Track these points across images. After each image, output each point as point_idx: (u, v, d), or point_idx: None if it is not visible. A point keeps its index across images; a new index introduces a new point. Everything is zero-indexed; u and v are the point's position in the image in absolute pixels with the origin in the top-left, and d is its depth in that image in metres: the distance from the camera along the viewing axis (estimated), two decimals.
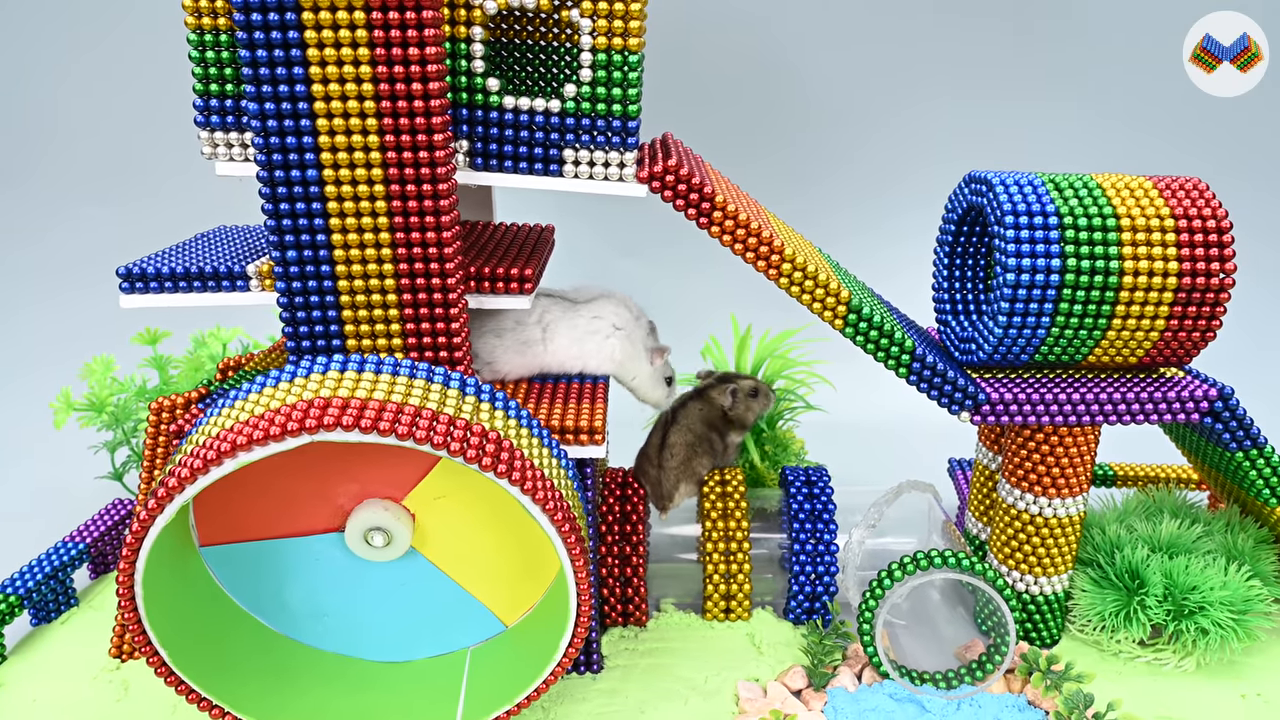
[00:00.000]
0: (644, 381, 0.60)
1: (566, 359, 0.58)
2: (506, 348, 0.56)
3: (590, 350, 0.58)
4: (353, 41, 0.43)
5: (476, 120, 0.49)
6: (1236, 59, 0.89)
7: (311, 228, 0.46)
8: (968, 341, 0.58)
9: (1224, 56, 0.90)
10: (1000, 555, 0.59)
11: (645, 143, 0.58)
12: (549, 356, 0.57)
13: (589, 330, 0.58)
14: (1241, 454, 0.56)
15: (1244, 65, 0.89)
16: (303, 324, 0.48)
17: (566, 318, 0.58)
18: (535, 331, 0.57)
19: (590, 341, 0.58)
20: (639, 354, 0.59)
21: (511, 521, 0.50)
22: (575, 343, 0.57)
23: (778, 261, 0.51)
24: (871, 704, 0.54)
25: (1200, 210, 0.53)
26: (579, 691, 0.56)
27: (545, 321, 0.57)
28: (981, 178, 0.56)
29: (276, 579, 0.52)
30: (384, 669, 0.54)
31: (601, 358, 0.58)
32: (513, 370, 0.57)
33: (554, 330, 0.57)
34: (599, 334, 0.58)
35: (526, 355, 0.57)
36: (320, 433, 0.40)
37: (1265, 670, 0.57)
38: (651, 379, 0.61)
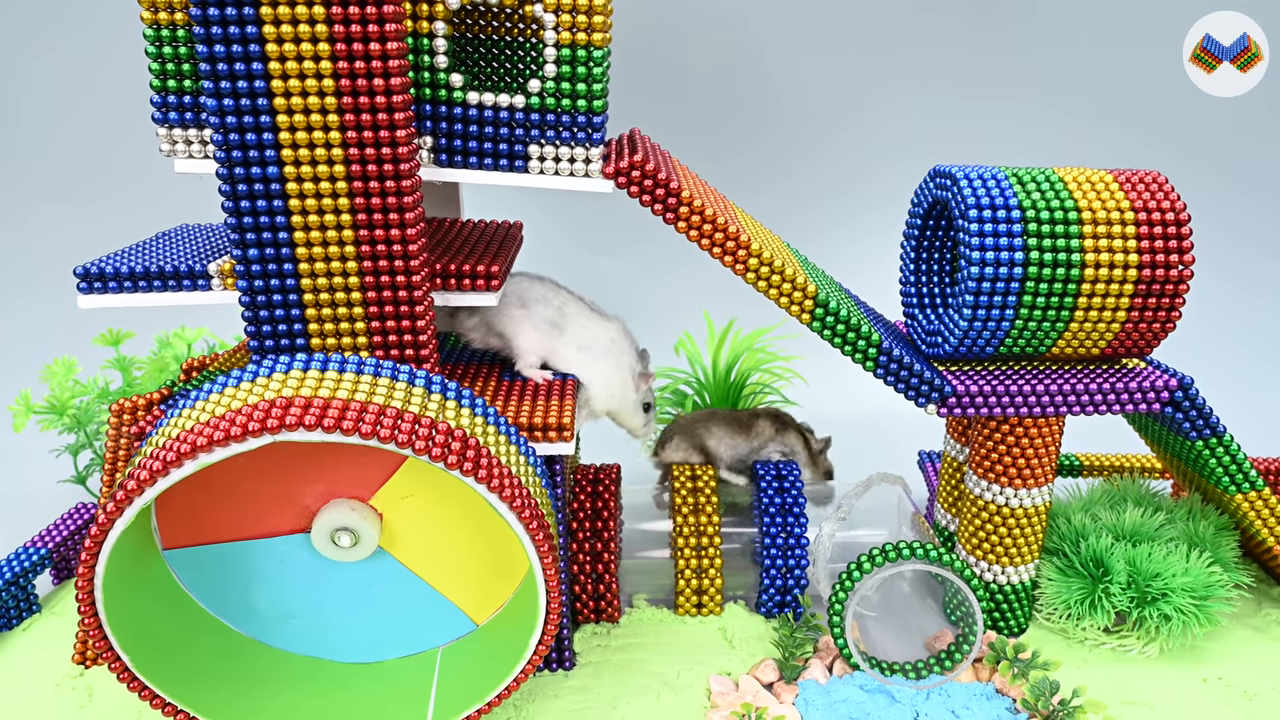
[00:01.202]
0: (627, 406, 0.61)
1: (568, 356, 0.58)
2: (528, 319, 0.57)
3: (588, 360, 0.58)
4: (312, 37, 0.43)
5: (440, 116, 0.49)
6: (1236, 59, 0.90)
7: (273, 225, 0.46)
8: (934, 334, 0.58)
9: (1224, 56, 0.90)
10: (968, 546, 0.60)
11: (613, 139, 0.58)
12: (558, 345, 0.58)
13: (594, 337, 0.59)
14: (1201, 443, 0.57)
15: (1244, 65, 0.90)
16: (265, 323, 0.48)
17: (580, 318, 0.59)
18: (554, 314, 0.57)
19: (594, 349, 0.59)
20: (628, 379, 0.60)
21: (480, 520, 0.49)
22: (581, 348, 0.58)
23: (744, 257, 0.51)
24: (842, 695, 0.54)
25: (1159, 204, 0.53)
26: (551, 689, 0.56)
27: (564, 312, 0.58)
28: (946, 172, 0.56)
29: (242, 581, 0.51)
30: (354, 670, 0.54)
31: (595, 370, 0.59)
32: (526, 345, 0.57)
33: (567, 324, 0.58)
34: (600, 345, 0.59)
35: (542, 333, 0.57)
36: (282, 433, 0.40)
37: (1226, 654, 0.58)
38: (634, 404, 0.61)
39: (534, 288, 0.58)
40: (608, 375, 0.59)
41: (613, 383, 0.59)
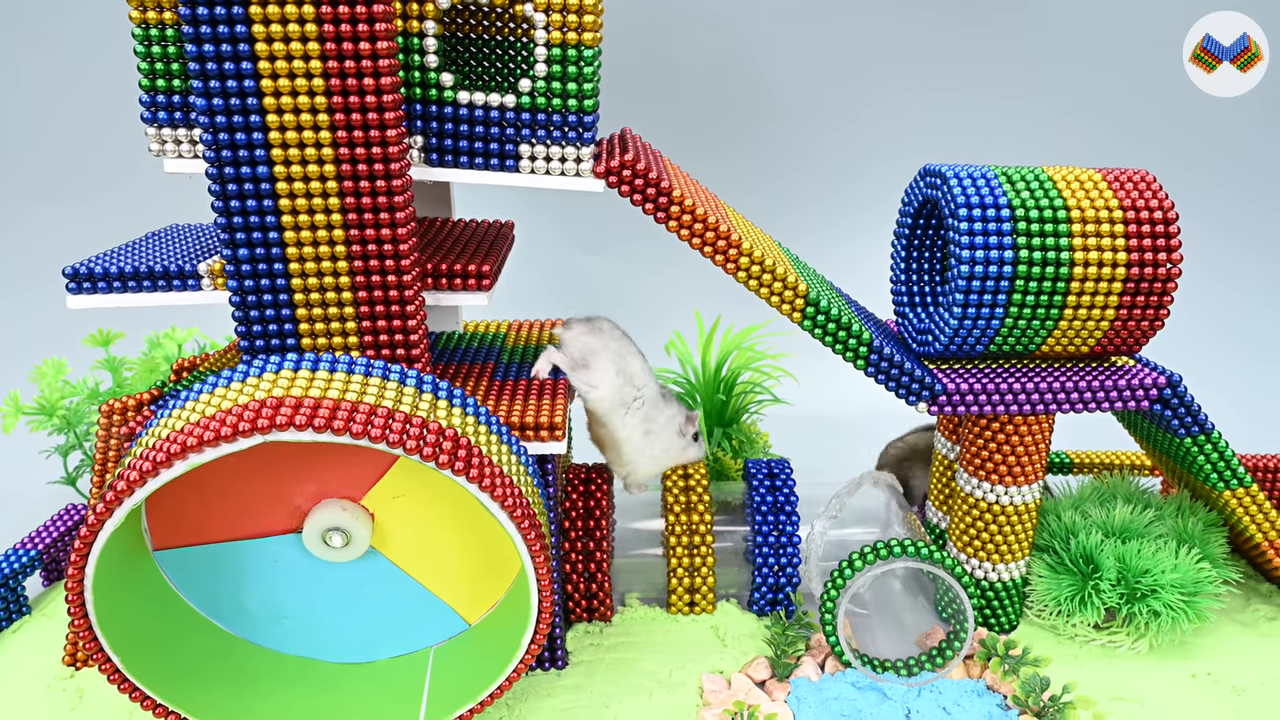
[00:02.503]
0: (680, 454, 0.63)
1: (632, 433, 0.61)
2: (613, 379, 0.59)
3: (660, 439, 0.62)
4: (302, 36, 0.42)
5: (431, 116, 0.49)
6: (1236, 59, 0.90)
7: (263, 225, 0.46)
8: (925, 333, 0.58)
9: (1224, 56, 0.90)
10: (959, 543, 0.60)
11: (604, 138, 0.58)
12: (626, 421, 0.60)
13: (663, 426, 0.62)
14: (1190, 440, 0.57)
15: (1244, 65, 0.90)
16: (255, 323, 0.48)
17: (657, 405, 0.61)
18: (631, 392, 0.60)
19: (666, 434, 0.62)
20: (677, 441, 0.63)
21: (472, 519, 0.49)
22: (648, 434, 0.61)
23: (735, 255, 0.51)
24: (834, 693, 0.55)
25: (1148, 202, 0.54)
26: (544, 688, 0.56)
27: (642, 395, 0.60)
28: (936, 171, 0.57)
29: (234, 582, 0.51)
30: (346, 670, 0.54)
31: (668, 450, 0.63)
32: (604, 399, 0.59)
33: (648, 407, 0.61)
34: (669, 432, 0.62)
35: (620, 396, 0.59)
36: (273, 433, 0.40)
37: (1215, 650, 0.59)
38: (682, 445, 0.63)
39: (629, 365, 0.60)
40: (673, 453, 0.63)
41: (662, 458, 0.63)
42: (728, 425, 0.77)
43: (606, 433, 0.60)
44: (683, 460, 0.64)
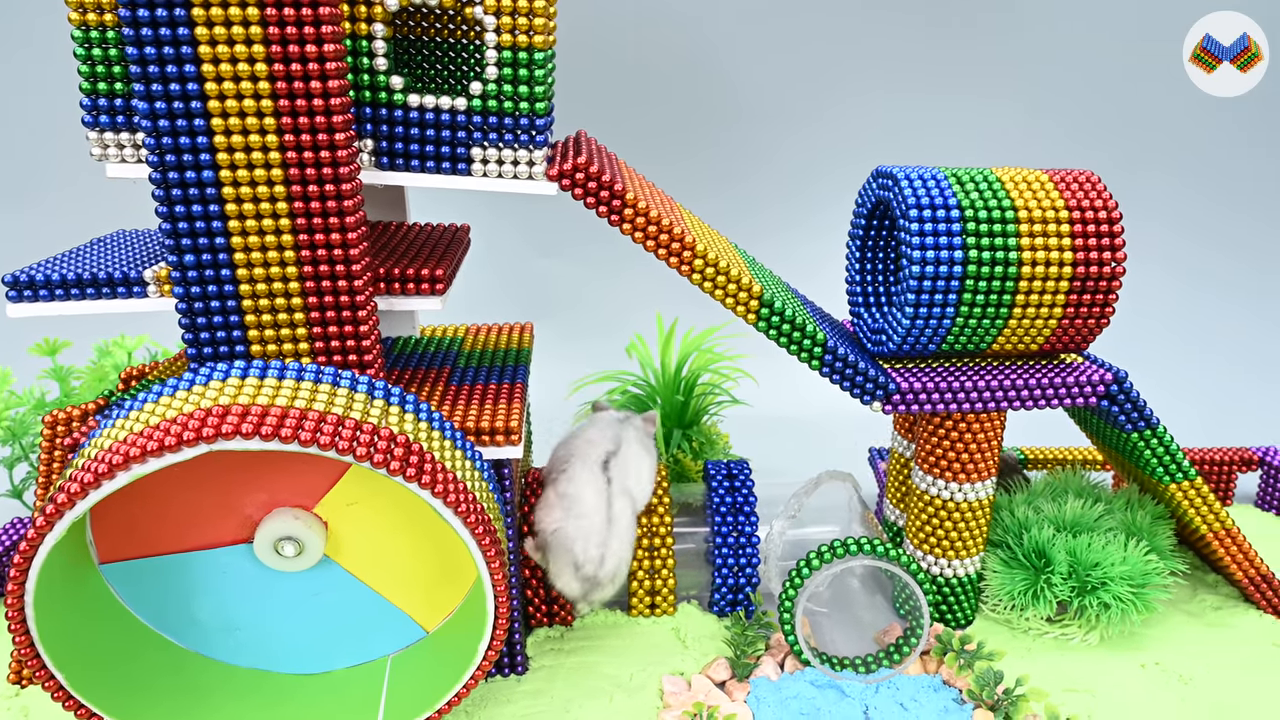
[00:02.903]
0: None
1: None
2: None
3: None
4: (246, 39, 0.42)
5: (381, 119, 0.48)
6: (1236, 59, 0.91)
7: (209, 230, 0.45)
8: (879, 332, 0.59)
9: (1224, 56, 0.91)
10: (915, 540, 0.61)
11: (559, 141, 0.58)
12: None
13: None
14: (1136, 434, 0.59)
15: (1244, 65, 0.91)
16: (203, 330, 0.47)
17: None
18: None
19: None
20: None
21: (428, 526, 0.49)
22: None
23: (690, 257, 0.51)
24: (793, 691, 0.55)
25: (1092, 202, 0.55)
26: (504, 694, 0.56)
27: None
28: (888, 172, 0.57)
29: (184, 594, 0.50)
30: (301, 681, 0.53)
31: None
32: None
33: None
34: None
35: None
36: (219, 442, 0.39)
37: (1163, 640, 0.60)
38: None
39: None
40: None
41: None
42: (688, 427, 0.77)
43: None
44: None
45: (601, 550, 0.56)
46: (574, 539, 0.56)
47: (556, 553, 0.56)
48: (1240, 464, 0.79)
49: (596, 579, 0.56)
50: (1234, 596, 0.65)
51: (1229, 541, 0.62)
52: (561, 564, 0.56)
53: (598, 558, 0.56)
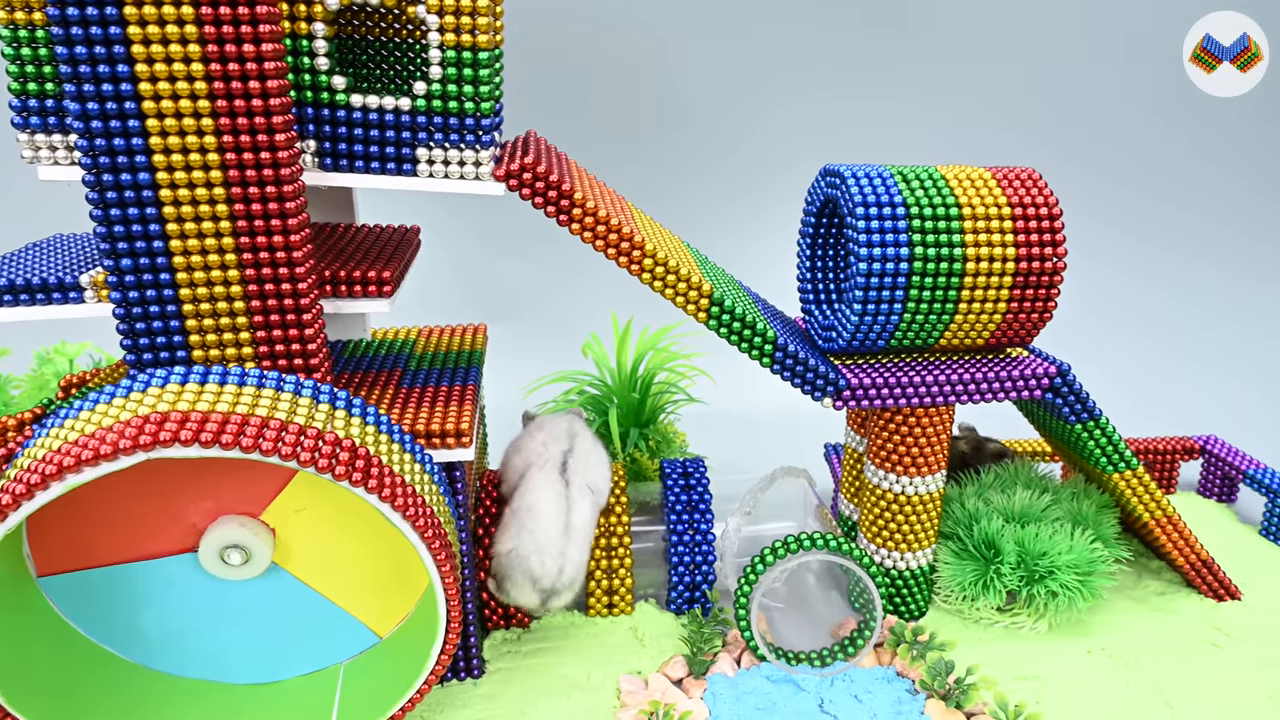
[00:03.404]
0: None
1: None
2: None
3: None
4: (181, 38, 0.41)
5: (324, 119, 0.47)
6: (1236, 59, 0.92)
7: (146, 234, 0.44)
8: (829, 329, 0.59)
9: (1224, 56, 0.92)
10: (869, 534, 0.62)
11: (509, 141, 0.58)
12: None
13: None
14: (1080, 426, 0.60)
15: (1244, 65, 0.92)
16: (142, 335, 0.46)
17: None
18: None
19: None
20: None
21: (378, 531, 0.48)
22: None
23: (639, 257, 0.51)
24: (749, 687, 0.55)
25: (1034, 199, 0.56)
26: (460, 698, 0.55)
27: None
28: (835, 171, 0.58)
29: (128, 606, 0.49)
30: (252, 691, 0.52)
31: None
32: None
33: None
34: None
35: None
36: (158, 449, 0.38)
37: (1109, 626, 0.62)
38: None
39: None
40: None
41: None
42: (645, 426, 0.77)
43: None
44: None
45: (560, 562, 0.55)
46: (529, 555, 0.55)
47: (512, 572, 0.55)
48: (1182, 453, 0.81)
49: (555, 589, 0.56)
50: (1177, 582, 0.67)
51: (1170, 528, 0.63)
52: (518, 581, 0.55)
53: (555, 570, 0.55)
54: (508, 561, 0.55)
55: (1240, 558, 0.70)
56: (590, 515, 0.58)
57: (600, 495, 0.60)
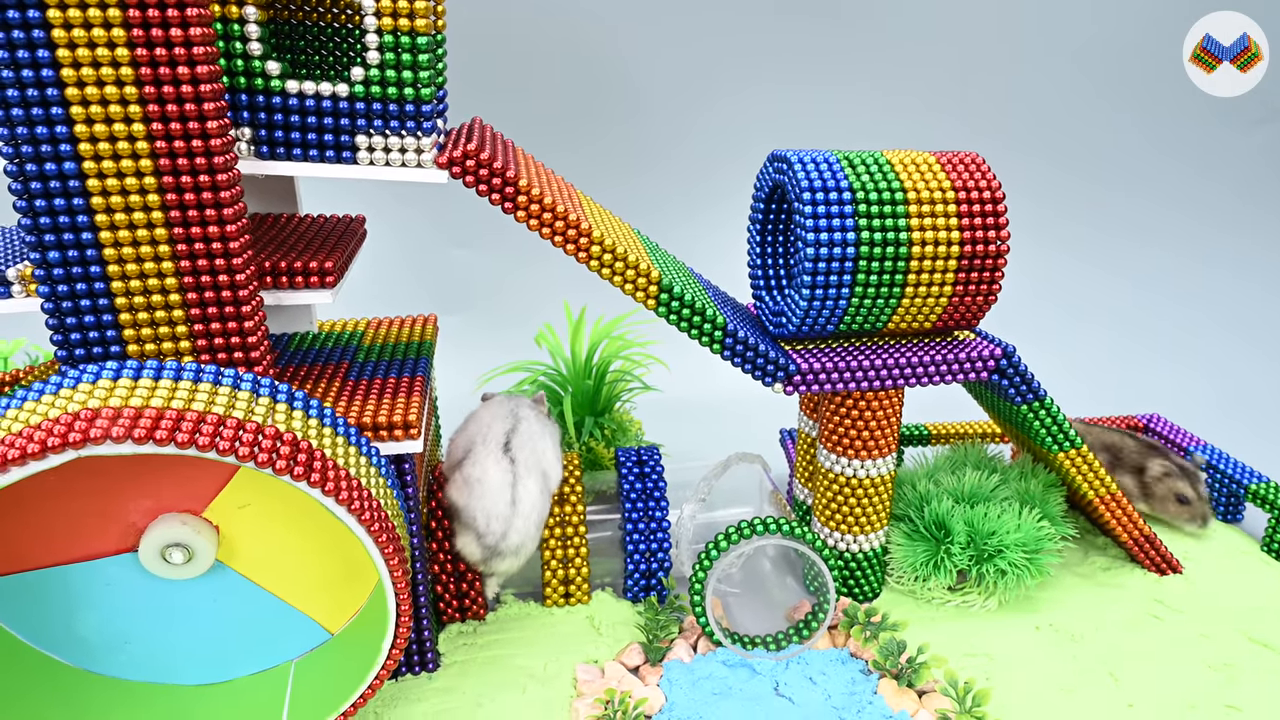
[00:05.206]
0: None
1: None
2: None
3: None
4: (105, 22, 0.40)
5: (258, 106, 0.46)
6: (1236, 59, 0.92)
7: (74, 226, 0.43)
8: (779, 315, 0.60)
9: (1224, 56, 0.92)
10: (823, 518, 0.62)
11: (454, 128, 0.57)
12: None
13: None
14: (1025, 406, 0.61)
15: (1244, 65, 0.92)
16: (73, 330, 0.44)
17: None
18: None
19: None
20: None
21: (325, 526, 0.47)
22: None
23: (586, 244, 0.51)
24: (705, 672, 0.56)
25: (977, 183, 0.56)
26: (414, 692, 0.55)
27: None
28: (782, 156, 0.58)
29: (65, 609, 0.48)
30: (199, 692, 0.51)
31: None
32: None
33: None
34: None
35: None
36: (88, 447, 0.37)
37: (1056, 602, 0.63)
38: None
39: None
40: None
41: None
42: (600, 414, 0.77)
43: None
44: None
45: (504, 527, 0.57)
46: (476, 513, 0.57)
47: (462, 522, 0.57)
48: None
49: (498, 549, 0.57)
50: (1121, 557, 0.68)
51: (1114, 505, 0.64)
52: (465, 532, 0.57)
53: (500, 532, 0.57)
54: (454, 514, 0.58)
55: (1182, 532, 0.71)
56: (538, 496, 0.58)
57: (551, 480, 0.60)
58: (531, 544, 0.58)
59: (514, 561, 0.58)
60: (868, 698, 0.53)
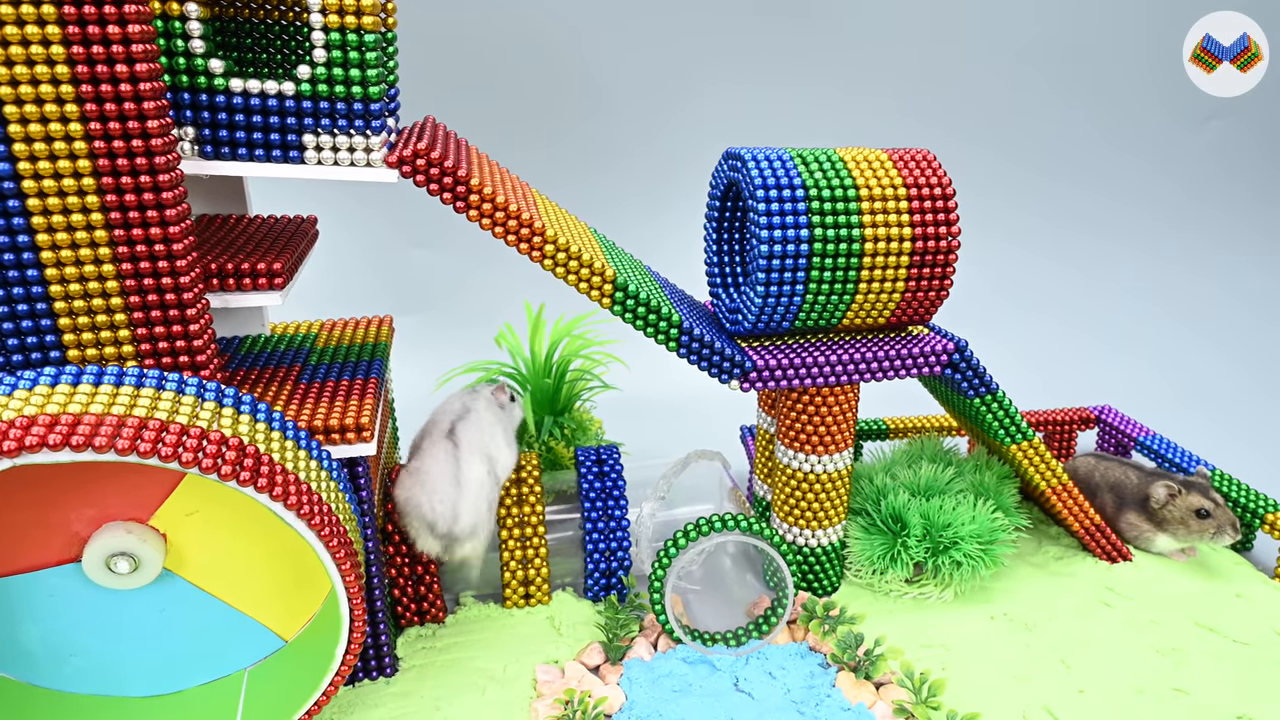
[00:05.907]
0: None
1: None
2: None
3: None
4: (39, 19, 0.39)
5: (201, 105, 0.45)
6: (1236, 59, 0.93)
7: (10, 229, 0.41)
8: (735, 312, 0.60)
9: (1224, 56, 0.93)
10: (781, 513, 0.63)
11: (405, 127, 0.56)
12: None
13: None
14: (979, 400, 0.62)
15: (1244, 65, 0.93)
16: (10, 336, 0.43)
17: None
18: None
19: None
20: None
21: (276, 532, 0.47)
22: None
23: (540, 243, 0.51)
24: (666, 669, 0.56)
25: (928, 179, 0.57)
26: (372, 698, 0.54)
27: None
28: (736, 154, 0.58)
29: (7, 622, 0.46)
30: (150, 704, 0.50)
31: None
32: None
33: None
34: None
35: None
36: (24, 455, 0.36)
37: (1010, 592, 0.64)
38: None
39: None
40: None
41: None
42: (560, 414, 0.77)
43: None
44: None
45: (451, 508, 0.56)
46: (420, 502, 0.56)
47: (409, 520, 0.57)
48: (1079, 423, 0.84)
49: (453, 534, 0.57)
50: (1074, 546, 0.70)
51: (1065, 496, 0.66)
52: (417, 527, 0.57)
53: (449, 515, 0.56)
54: (403, 510, 0.57)
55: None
56: (485, 476, 0.58)
57: (498, 465, 0.60)
58: (486, 524, 0.58)
59: (474, 545, 0.57)
60: (826, 691, 0.54)
